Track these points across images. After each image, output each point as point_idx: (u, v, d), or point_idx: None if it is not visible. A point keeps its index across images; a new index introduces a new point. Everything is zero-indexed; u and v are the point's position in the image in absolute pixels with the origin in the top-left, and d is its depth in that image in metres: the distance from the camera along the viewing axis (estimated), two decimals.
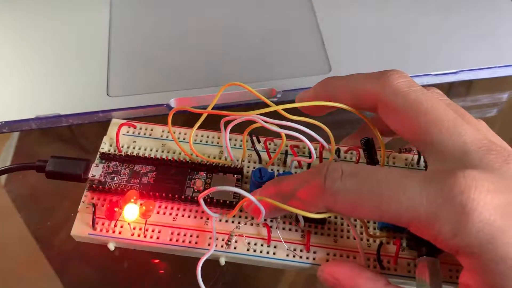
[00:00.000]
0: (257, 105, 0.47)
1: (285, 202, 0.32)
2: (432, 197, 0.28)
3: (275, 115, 0.35)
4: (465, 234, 0.27)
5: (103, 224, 0.37)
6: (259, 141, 0.40)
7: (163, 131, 0.41)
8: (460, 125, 0.30)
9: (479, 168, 0.28)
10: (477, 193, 0.27)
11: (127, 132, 0.41)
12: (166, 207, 0.37)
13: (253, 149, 0.39)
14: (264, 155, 0.40)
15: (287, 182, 0.33)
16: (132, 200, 0.36)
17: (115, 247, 0.37)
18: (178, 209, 0.37)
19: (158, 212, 0.37)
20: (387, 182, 0.29)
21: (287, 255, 0.36)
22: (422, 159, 0.39)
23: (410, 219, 0.28)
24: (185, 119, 0.43)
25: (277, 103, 0.35)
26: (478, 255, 0.27)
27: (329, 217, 0.37)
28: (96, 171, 0.38)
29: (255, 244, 0.36)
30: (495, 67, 0.49)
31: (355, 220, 0.36)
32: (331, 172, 0.30)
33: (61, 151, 0.51)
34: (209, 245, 0.36)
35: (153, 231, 0.36)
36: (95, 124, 0.47)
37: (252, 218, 0.37)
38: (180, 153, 0.40)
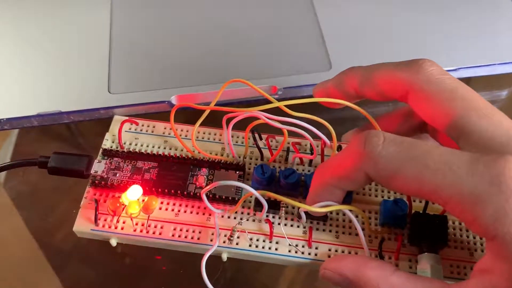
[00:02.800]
0: (258, 102, 0.47)
1: (331, 185, 0.32)
2: (479, 178, 0.27)
3: (277, 112, 0.35)
4: (509, 219, 0.27)
5: (105, 220, 0.37)
6: (261, 138, 0.40)
7: (165, 128, 0.41)
8: (496, 112, 0.31)
9: None
10: None
11: (130, 129, 0.41)
12: (168, 203, 0.38)
13: (255, 146, 0.39)
14: (266, 152, 0.40)
15: (328, 162, 0.33)
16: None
17: (117, 243, 0.37)
18: (180, 205, 0.37)
19: (160, 208, 0.37)
20: (434, 154, 0.28)
21: (289, 251, 0.36)
22: None
23: (450, 196, 0.28)
24: (187, 116, 0.43)
25: (278, 100, 0.35)
26: None
27: (331, 213, 0.37)
28: (98, 167, 0.38)
29: (257, 240, 0.36)
30: (494, 64, 0.49)
31: (357, 216, 0.36)
32: (372, 137, 0.30)
33: (59, 149, 0.50)
34: (211, 240, 0.36)
35: (155, 226, 0.37)
36: (94, 123, 0.47)
37: (254, 214, 0.37)
38: (182, 150, 0.40)
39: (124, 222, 0.37)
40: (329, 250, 0.36)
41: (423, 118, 0.33)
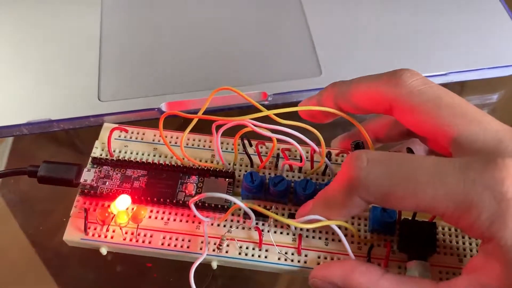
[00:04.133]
0: (249, 107, 0.47)
1: (334, 215, 0.32)
2: (471, 184, 0.27)
3: (266, 119, 0.35)
4: (503, 222, 0.27)
5: (95, 229, 0.37)
6: (250, 145, 0.40)
7: (155, 135, 0.41)
8: (484, 115, 0.31)
9: None
10: None
11: (119, 136, 0.41)
12: (158, 212, 0.38)
13: (244, 152, 0.40)
14: (255, 159, 0.40)
15: (326, 194, 0.33)
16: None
17: (107, 251, 0.37)
18: (170, 213, 0.38)
19: (150, 217, 0.37)
20: (423, 169, 0.29)
21: (279, 259, 0.36)
22: None
23: (447, 207, 0.28)
24: (177, 123, 0.43)
25: (268, 106, 0.35)
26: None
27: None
28: (88, 175, 0.38)
29: (247, 248, 0.36)
30: (485, 68, 0.50)
31: (346, 229, 0.36)
32: (355, 160, 0.30)
33: (56, 154, 0.51)
34: (201, 249, 0.36)
35: (145, 235, 0.37)
36: (91, 129, 0.47)
37: (244, 222, 0.37)
38: (172, 157, 0.40)
39: (113, 231, 0.37)
40: (319, 257, 0.36)
41: (411, 129, 0.33)
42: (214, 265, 0.36)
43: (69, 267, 0.45)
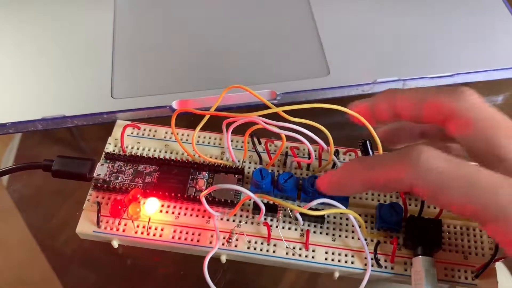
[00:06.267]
0: (258, 107, 0.48)
1: (367, 178, 0.32)
2: None
3: (275, 117, 0.35)
4: None
5: (107, 222, 0.38)
6: (260, 143, 0.41)
7: (166, 132, 0.42)
8: None
9: None
10: None
11: (132, 133, 0.42)
12: (169, 206, 0.38)
13: (254, 150, 0.40)
14: (264, 156, 0.41)
15: (375, 160, 0.33)
16: (139, 196, 0.37)
17: (118, 244, 0.38)
18: (180, 208, 0.38)
19: (161, 211, 0.38)
20: (482, 175, 0.29)
21: (287, 253, 0.37)
22: None
23: (495, 216, 0.28)
24: (188, 120, 0.44)
25: (277, 105, 0.36)
26: None
27: (328, 216, 0.38)
28: (101, 170, 0.39)
29: (255, 242, 0.37)
30: (490, 70, 0.50)
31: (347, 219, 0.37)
32: (427, 151, 0.30)
33: (61, 153, 0.51)
34: (210, 242, 0.37)
35: (156, 229, 0.37)
36: (95, 128, 0.48)
37: (253, 217, 0.38)
38: (183, 154, 0.41)
39: (125, 224, 0.37)
40: (326, 252, 0.37)
41: (461, 144, 0.34)
42: (223, 259, 0.37)
43: (78, 260, 0.45)
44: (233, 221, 0.38)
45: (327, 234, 0.37)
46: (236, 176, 0.39)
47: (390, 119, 0.36)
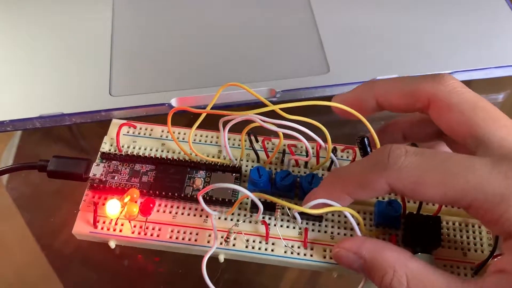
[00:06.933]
0: (257, 104, 0.47)
1: (346, 191, 0.33)
2: (503, 177, 0.28)
3: (273, 114, 0.35)
4: None
5: (104, 223, 0.37)
6: (257, 141, 0.41)
7: (162, 131, 0.42)
8: None
9: None
10: None
11: (127, 132, 0.42)
12: (166, 205, 0.38)
13: (251, 148, 0.40)
14: (262, 154, 0.40)
15: (346, 169, 0.34)
16: (135, 196, 0.37)
17: (115, 245, 0.38)
18: (177, 207, 0.38)
19: (158, 210, 0.38)
20: (455, 160, 0.30)
21: (285, 252, 0.36)
22: None
23: (474, 198, 0.29)
24: (186, 119, 0.44)
25: (276, 103, 0.35)
26: None
27: (326, 214, 0.37)
28: (97, 170, 0.39)
29: (254, 241, 0.37)
30: (490, 68, 0.50)
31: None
32: (395, 149, 0.31)
33: (61, 151, 0.51)
34: (208, 242, 0.36)
35: (153, 229, 0.37)
36: (97, 124, 0.48)
37: (251, 216, 0.37)
38: (179, 153, 0.41)
39: (122, 225, 0.37)
40: (324, 251, 0.36)
41: (442, 128, 0.34)
42: (221, 258, 0.37)
43: (76, 260, 0.45)
44: (231, 220, 0.37)
45: (325, 232, 0.37)
46: (234, 174, 0.39)
47: (373, 110, 0.37)
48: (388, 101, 0.36)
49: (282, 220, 0.37)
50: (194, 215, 0.38)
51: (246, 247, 0.36)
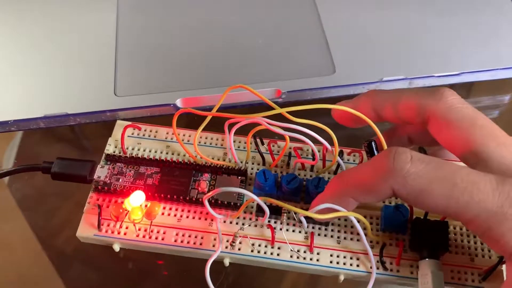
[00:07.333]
0: (262, 105, 0.47)
1: (350, 194, 0.33)
2: (506, 197, 0.28)
3: (279, 117, 0.35)
4: None
5: (108, 225, 0.37)
6: (262, 143, 0.41)
7: (167, 133, 0.42)
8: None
9: None
10: None
11: (132, 134, 0.42)
12: (170, 208, 0.38)
13: (257, 151, 0.40)
14: (267, 157, 0.40)
15: (351, 173, 0.33)
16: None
17: (120, 248, 0.37)
18: (182, 210, 0.38)
19: (162, 213, 0.37)
20: (461, 174, 0.29)
21: (291, 256, 0.36)
22: None
23: (477, 214, 0.29)
24: (190, 120, 0.43)
25: (282, 104, 0.35)
26: None
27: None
28: (101, 172, 0.39)
29: (259, 245, 0.36)
30: (497, 69, 0.49)
31: (358, 221, 0.36)
32: (401, 154, 0.30)
33: (63, 151, 0.51)
34: (213, 246, 0.36)
35: (158, 232, 0.37)
36: (97, 125, 0.48)
37: (256, 220, 0.37)
38: (184, 155, 0.40)
39: (127, 228, 0.37)
40: (331, 255, 0.36)
41: (441, 144, 0.34)
42: (226, 262, 0.36)
43: (78, 262, 0.45)
44: (236, 223, 0.37)
45: (332, 236, 0.37)
46: (239, 177, 0.39)
47: (373, 120, 0.36)
48: (387, 114, 0.36)
49: (288, 224, 0.37)
50: (199, 219, 0.37)
51: (252, 251, 0.36)
